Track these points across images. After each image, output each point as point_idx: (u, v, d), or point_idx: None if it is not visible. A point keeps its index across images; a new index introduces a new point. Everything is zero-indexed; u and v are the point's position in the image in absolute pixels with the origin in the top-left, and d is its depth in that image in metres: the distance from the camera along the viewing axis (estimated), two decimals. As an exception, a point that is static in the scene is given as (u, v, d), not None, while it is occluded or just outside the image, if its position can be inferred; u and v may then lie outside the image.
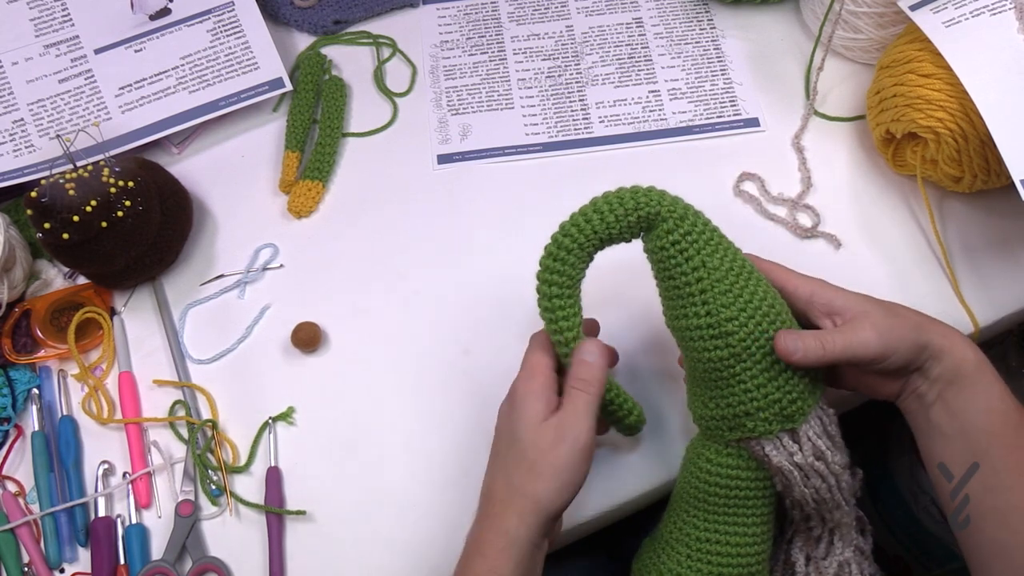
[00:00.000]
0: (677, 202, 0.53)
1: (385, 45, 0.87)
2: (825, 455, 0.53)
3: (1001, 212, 0.72)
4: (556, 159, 0.79)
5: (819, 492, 0.54)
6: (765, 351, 0.52)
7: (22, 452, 0.67)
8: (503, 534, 0.49)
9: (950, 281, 0.70)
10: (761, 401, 0.53)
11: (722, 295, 0.52)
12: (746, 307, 0.52)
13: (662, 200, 0.52)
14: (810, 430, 0.54)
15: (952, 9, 0.65)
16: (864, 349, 0.51)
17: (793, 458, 0.53)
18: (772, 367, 0.53)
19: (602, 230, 0.52)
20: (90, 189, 0.66)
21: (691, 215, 0.53)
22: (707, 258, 0.52)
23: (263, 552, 0.62)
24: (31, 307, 0.71)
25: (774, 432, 0.53)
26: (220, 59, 0.80)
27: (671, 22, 0.87)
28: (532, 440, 0.51)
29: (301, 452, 0.66)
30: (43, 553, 0.63)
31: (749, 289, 0.53)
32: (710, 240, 0.53)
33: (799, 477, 0.53)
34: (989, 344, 0.85)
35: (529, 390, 0.53)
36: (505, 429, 0.53)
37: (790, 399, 0.53)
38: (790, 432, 0.54)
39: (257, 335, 0.71)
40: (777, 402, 0.53)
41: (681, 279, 0.53)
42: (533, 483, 0.50)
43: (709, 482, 0.55)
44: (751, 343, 0.52)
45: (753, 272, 0.54)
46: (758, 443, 0.54)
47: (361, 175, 0.79)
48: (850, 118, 0.79)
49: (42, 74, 0.79)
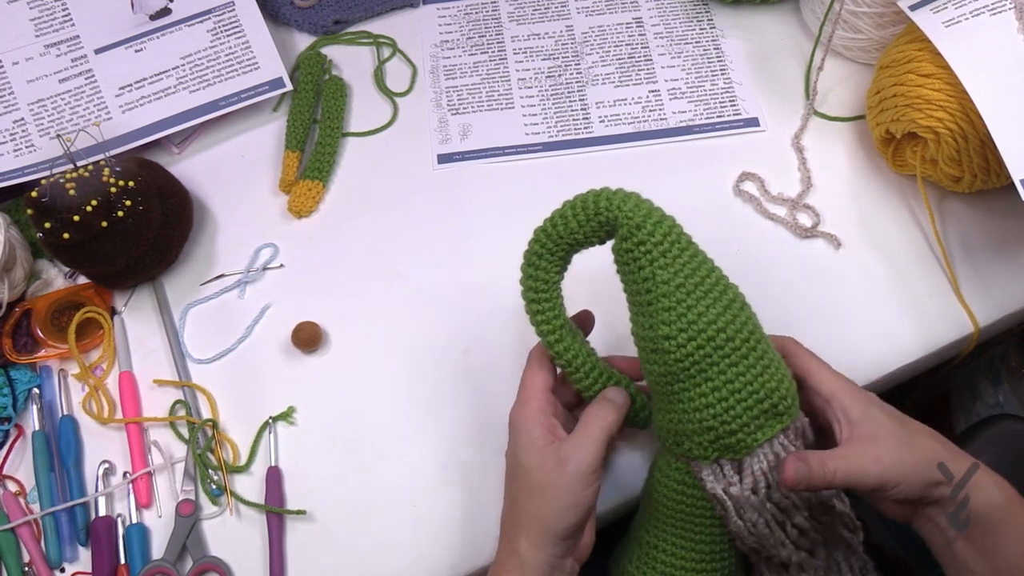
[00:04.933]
0: (638, 209, 0.50)
1: (385, 45, 0.87)
2: (760, 490, 0.50)
3: (1001, 212, 0.72)
4: (556, 159, 0.79)
5: (756, 527, 0.51)
6: (706, 376, 0.50)
7: (23, 452, 0.67)
8: (516, 557, 0.50)
9: (950, 281, 0.70)
10: (695, 425, 0.51)
11: (664, 311, 0.49)
12: (688, 327, 0.49)
13: (622, 205, 0.50)
14: (758, 463, 0.51)
15: (952, 9, 0.65)
16: (862, 480, 0.49)
17: (729, 488, 0.51)
18: (712, 393, 0.50)
19: (567, 235, 0.52)
20: (90, 189, 0.67)
21: (650, 224, 0.50)
22: (658, 271, 0.50)
23: (263, 552, 0.62)
24: (32, 307, 0.71)
25: (710, 459, 0.51)
26: (220, 59, 0.80)
27: (671, 22, 0.87)
28: (535, 464, 0.51)
29: (301, 452, 0.66)
30: (43, 552, 0.63)
31: (697, 310, 0.49)
32: (667, 251, 0.50)
33: (731, 508, 0.51)
34: (989, 344, 0.85)
35: (524, 418, 0.53)
36: (510, 457, 0.54)
37: (729, 430, 0.50)
38: (732, 461, 0.51)
39: (257, 335, 0.71)
40: (712, 430, 0.50)
41: (631, 287, 0.52)
42: (537, 506, 0.50)
43: (660, 492, 0.55)
44: (689, 365, 0.50)
45: (719, 297, 0.50)
46: (696, 464, 0.52)
47: (361, 175, 0.79)
48: (850, 118, 0.79)
49: (42, 74, 0.79)
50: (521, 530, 0.50)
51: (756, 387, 0.50)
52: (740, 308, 0.51)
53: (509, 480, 0.54)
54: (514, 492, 0.53)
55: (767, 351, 0.52)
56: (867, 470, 0.48)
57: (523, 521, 0.51)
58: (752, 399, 0.50)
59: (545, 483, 0.50)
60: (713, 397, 0.50)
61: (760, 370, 0.50)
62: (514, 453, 0.53)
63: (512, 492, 0.53)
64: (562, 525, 0.50)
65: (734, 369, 0.50)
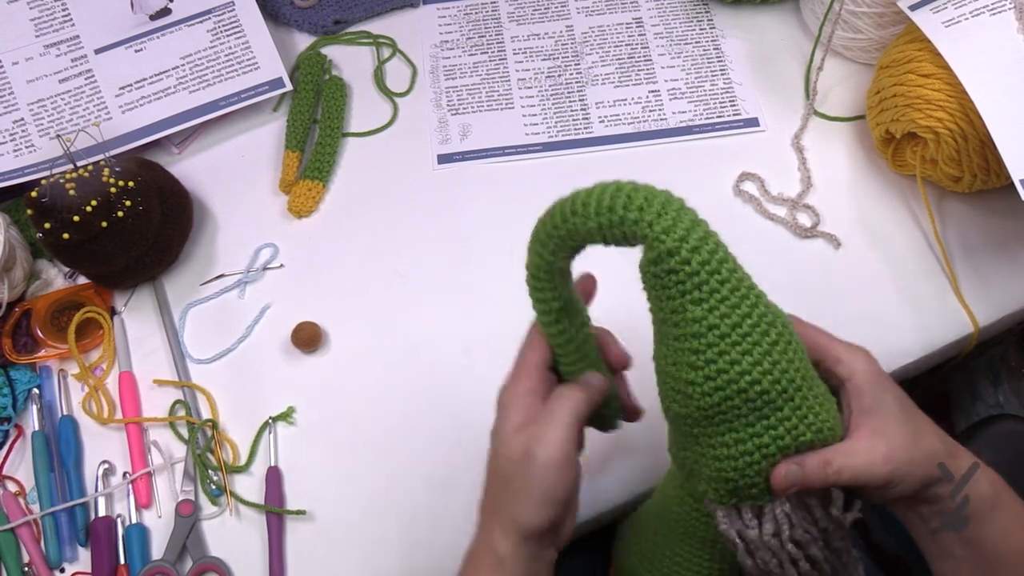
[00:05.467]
0: (674, 227, 0.41)
1: (385, 45, 0.87)
2: (783, 532, 0.46)
3: (1001, 212, 0.72)
4: (556, 159, 0.79)
5: (767, 566, 0.46)
6: (731, 426, 0.44)
7: (22, 452, 0.67)
8: (491, 550, 0.47)
9: (950, 281, 0.70)
10: (713, 472, 0.45)
11: (691, 353, 0.43)
12: (717, 376, 0.43)
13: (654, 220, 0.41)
14: (781, 507, 0.46)
15: (952, 9, 0.65)
16: (870, 480, 0.45)
17: (746, 532, 0.46)
18: (735, 445, 0.44)
19: (572, 237, 0.44)
20: (90, 189, 0.67)
21: (686, 250, 0.42)
22: (690, 306, 0.42)
23: (263, 552, 0.62)
24: (31, 307, 0.71)
25: (727, 503, 0.46)
26: (220, 59, 0.80)
27: (671, 22, 0.87)
28: (506, 454, 0.47)
29: (301, 452, 0.66)
30: (43, 553, 0.63)
31: (730, 357, 0.43)
32: (702, 284, 0.42)
33: (742, 548, 0.46)
34: (989, 344, 0.85)
35: (510, 397, 0.49)
36: (492, 438, 0.50)
37: (750, 483, 0.45)
38: (753, 507, 0.46)
39: (257, 335, 0.71)
40: (731, 481, 0.45)
41: (657, 311, 0.45)
42: (508, 500, 0.47)
43: (675, 512, 0.52)
44: (713, 414, 0.44)
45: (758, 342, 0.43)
46: (711, 504, 0.47)
47: (361, 175, 0.79)
48: (850, 118, 0.79)
49: (42, 74, 0.79)
50: (496, 524, 0.48)
51: (788, 441, 0.44)
52: (781, 352, 0.44)
53: (489, 463, 0.50)
54: (489, 481, 0.49)
55: (808, 396, 0.45)
56: (876, 470, 0.45)
57: (497, 515, 0.48)
58: (782, 454, 0.44)
59: (514, 475, 0.46)
60: (736, 449, 0.44)
61: (796, 422, 0.44)
62: (494, 435, 0.49)
63: (488, 479, 0.49)
64: (535, 522, 0.46)
65: (764, 423, 0.44)
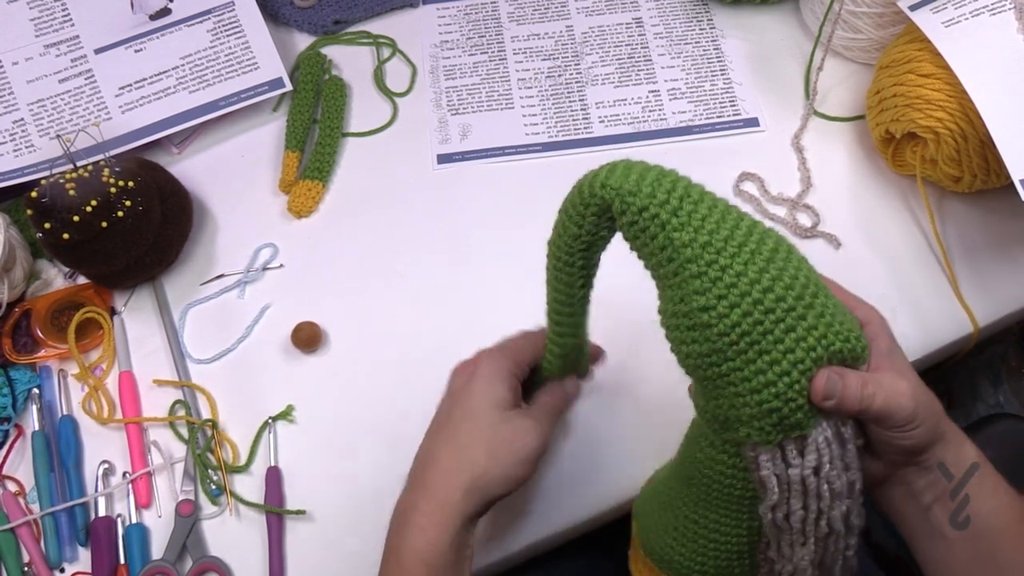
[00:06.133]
0: (626, 176, 0.42)
1: (385, 45, 0.87)
2: (824, 467, 0.44)
3: (1001, 212, 0.72)
4: (556, 159, 0.79)
5: (790, 519, 0.45)
6: (760, 348, 0.42)
7: (22, 452, 0.67)
8: (445, 508, 0.48)
9: (950, 281, 0.70)
10: (754, 409, 0.43)
11: (695, 278, 0.41)
12: (728, 292, 0.41)
13: (606, 181, 0.43)
14: (822, 432, 0.44)
15: (952, 9, 0.65)
16: (897, 411, 0.44)
17: (788, 471, 0.44)
18: (770, 368, 0.42)
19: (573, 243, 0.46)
20: (90, 189, 0.67)
21: (646, 187, 0.42)
22: (675, 233, 0.42)
23: (263, 552, 0.62)
24: (31, 307, 0.71)
25: (773, 442, 0.44)
26: (220, 59, 0.80)
27: (671, 22, 0.87)
28: (495, 425, 0.50)
29: (301, 452, 0.66)
30: (43, 553, 0.63)
31: (735, 270, 0.41)
32: (677, 210, 0.42)
33: (774, 493, 0.45)
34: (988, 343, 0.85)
35: (498, 369, 0.52)
36: (462, 400, 0.51)
37: (795, 407, 0.43)
38: (797, 440, 0.44)
39: (257, 335, 0.71)
40: (775, 412, 0.43)
41: (652, 262, 0.44)
42: (488, 466, 0.49)
43: (705, 475, 0.49)
44: (737, 338, 0.42)
45: (757, 250, 0.42)
46: (753, 449, 0.45)
47: (361, 175, 0.79)
48: (850, 118, 0.79)
49: (42, 74, 0.79)
50: (458, 484, 0.48)
51: (820, 352, 0.42)
52: (785, 258, 0.43)
53: (455, 420, 0.51)
54: (458, 441, 0.50)
55: (826, 301, 0.43)
56: (902, 401, 0.44)
57: (464, 476, 0.49)
58: (818, 366, 0.43)
59: (502, 449, 0.49)
60: (773, 373, 0.42)
61: (823, 329, 0.43)
62: (472, 398, 0.51)
63: (455, 439, 0.50)
64: (499, 492, 0.49)
65: (792, 335, 0.42)
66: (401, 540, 0.48)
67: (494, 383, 0.51)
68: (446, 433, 0.51)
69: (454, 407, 0.52)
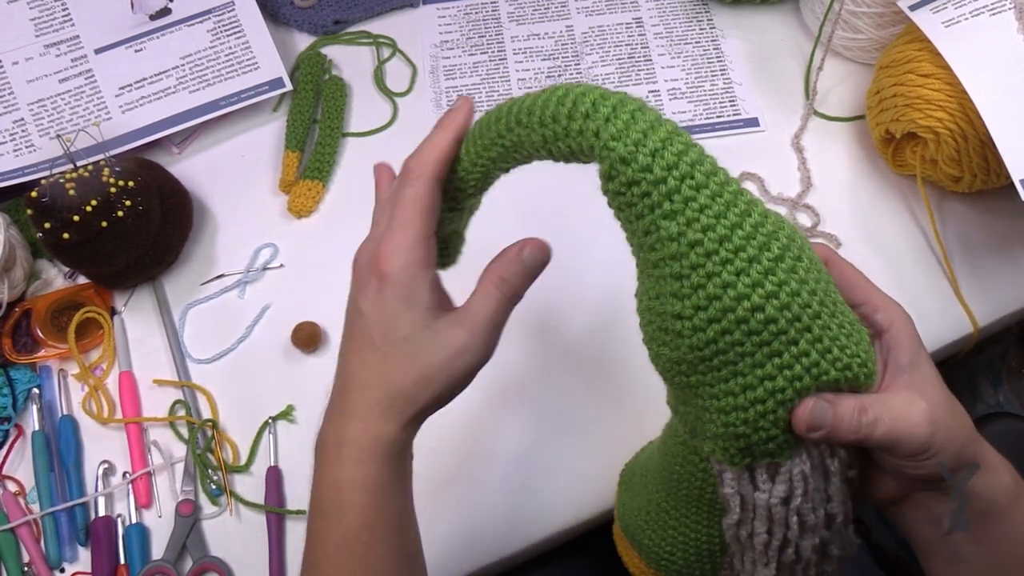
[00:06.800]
0: (626, 131, 0.35)
1: (385, 45, 0.87)
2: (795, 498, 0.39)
3: (1001, 212, 0.72)
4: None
5: (753, 539, 0.40)
6: (735, 369, 0.37)
7: (22, 452, 0.67)
8: (381, 439, 0.43)
9: (950, 281, 0.70)
10: (720, 429, 0.38)
11: (674, 279, 0.36)
12: (708, 304, 0.35)
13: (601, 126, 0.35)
14: (800, 465, 0.39)
15: (952, 9, 0.65)
16: (908, 440, 0.38)
17: (755, 495, 0.39)
18: (742, 393, 0.37)
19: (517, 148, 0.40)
20: (90, 189, 0.67)
21: (644, 155, 0.35)
22: (663, 222, 0.35)
23: (263, 552, 0.62)
24: (31, 307, 0.71)
25: (739, 465, 0.39)
26: (220, 59, 0.80)
27: (671, 22, 0.87)
28: (421, 346, 0.42)
29: (301, 452, 0.66)
30: (43, 553, 0.63)
31: (722, 279, 0.35)
32: (673, 192, 0.35)
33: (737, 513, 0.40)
34: (988, 343, 0.85)
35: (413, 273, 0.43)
36: (379, 319, 0.43)
37: (765, 437, 0.37)
38: (769, 465, 0.39)
39: (257, 335, 0.71)
40: (742, 437, 0.38)
41: (631, 237, 0.38)
42: (421, 393, 0.43)
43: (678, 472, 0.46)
44: (710, 355, 0.36)
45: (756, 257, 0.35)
46: (719, 463, 0.40)
47: (361, 175, 0.79)
48: (850, 118, 0.79)
49: (42, 74, 0.79)
50: (393, 412, 0.43)
51: (808, 381, 0.37)
52: (789, 270, 0.36)
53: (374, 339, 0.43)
54: (387, 365, 0.43)
55: (830, 325, 0.37)
56: (915, 430, 0.38)
57: (397, 403, 0.43)
58: (803, 396, 0.37)
59: (431, 366, 0.42)
60: (744, 398, 0.37)
61: (816, 358, 0.36)
62: (390, 318, 0.43)
63: (383, 363, 0.43)
64: (435, 408, 0.44)
65: (776, 361, 0.36)
66: (339, 473, 0.43)
67: (411, 291, 0.43)
68: (369, 356, 0.44)
69: (370, 327, 0.44)
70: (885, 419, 0.38)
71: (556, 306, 0.70)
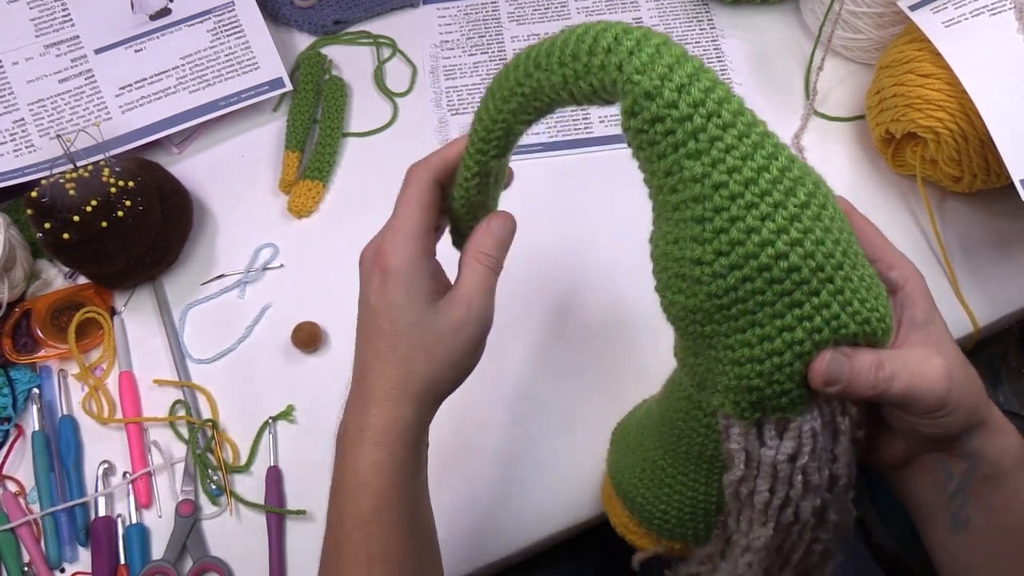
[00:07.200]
0: (651, 64, 0.33)
1: (385, 45, 0.87)
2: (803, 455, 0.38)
3: (1001, 212, 0.72)
4: (556, 159, 0.79)
5: (754, 497, 0.40)
6: (754, 319, 0.36)
7: (22, 452, 0.67)
8: (399, 423, 0.45)
9: (950, 281, 0.70)
10: (732, 381, 0.37)
11: (695, 223, 0.35)
12: (731, 250, 0.34)
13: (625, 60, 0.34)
14: (811, 421, 0.38)
15: (952, 9, 0.65)
16: (925, 396, 0.38)
17: (762, 451, 0.39)
18: (759, 344, 0.36)
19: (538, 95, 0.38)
20: (90, 189, 0.67)
21: (670, 90, 0.33)
22: (686, 161, 0.34)
23: (263, 552, 0.62)
24: (31, 307, 0.71)
25: (749, 420, 0.38)
26: (220, 59, 0.80)
27: (671, 22, 0.87)
28: (426, 328, 0.45)
29: (301, 452, 0.66)
30: (43, 553, 0.63)
31: (746, 224, 0.34)
32: (699, 131, 0.34)
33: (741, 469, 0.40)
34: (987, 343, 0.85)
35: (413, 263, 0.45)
36: (384, 310, 0.46)
37: (780, 391, 0.37)
38: (778, 420, 0.38)
39: (257, 335, 0.71)
40: (756, 391, 0.37)
41: (651, 178, 0.37)
42: (431, 373, 0.45)
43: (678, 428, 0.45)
44: (729, 303, 0.35)
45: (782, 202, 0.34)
46: (726, 418, 0.40)
47: (361, 175, 0.79)
48: (850, 118, 0.79)
49: (42, 74, 0.79)
50: (409, 395, 0.45)
51: (827, 334, 0.36)
52: (813, 217, 0.35)
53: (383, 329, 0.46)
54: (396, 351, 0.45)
55: (851, 277, 0.36)
56: (932, 386, 0.38)
57: (412, 386, 0.45)
58: (821, 349, 0.36)
59: (438, 344, 0.45)
60: (761, 349, 0.36)
61: (837, 310, 0.36)
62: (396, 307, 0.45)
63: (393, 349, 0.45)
64: (450, 389, 0.47)
65: (796, 312, 0.35)
66: (358, 456, 0.45)
67: (412, 279, 0.45)
68: (382, 345, 0.46)
69: (379, 317, 0.46)
70: (903, 374, 0.37)
71: (559, 306, 0.70)
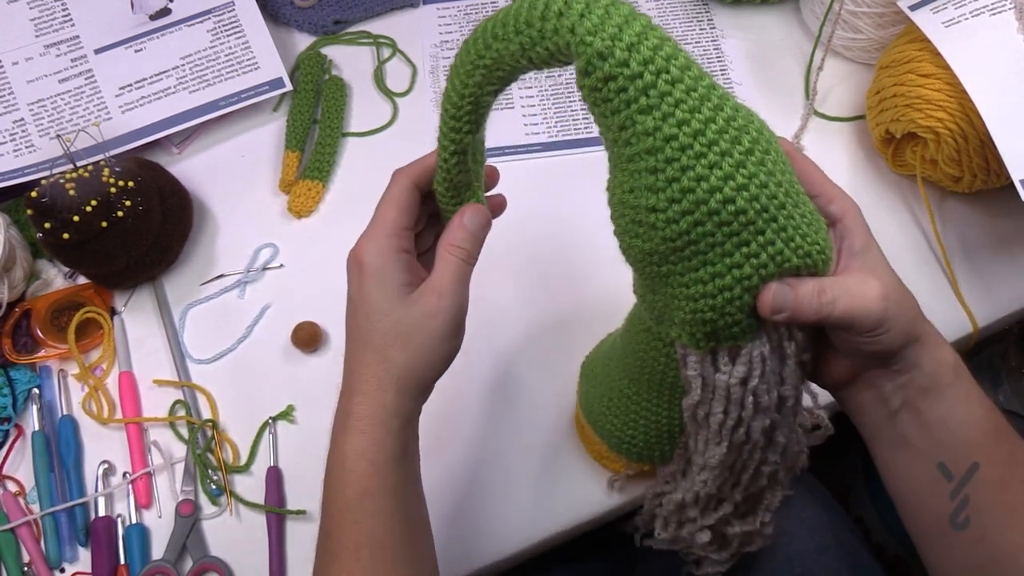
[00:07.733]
0: (602, 25, 0.36)
1: (385, 45, 0.87)
2: (753, 379, 0.42)
3: (1001, 212, 0.72)
4: (556, 159, 0.79)
5: (709, 419, 0.43)
6: (706, 259, 0.39)
7: (22, 452, 0.67)
8: (382, 410, 0.47)
9: (950, 281, 0.70)
10: (688, 315, 0.40)
11: (649, 173, 0.37)
12: (682, 197, 0.37)
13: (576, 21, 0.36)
14: (760, 347, 0.42)
15: (952, 9, 0.65)
16: (864, 317, 0.41)
17: (715, 375, 0.42)
18: (711, 281, 0.39)
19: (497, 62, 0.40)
20: (90, 189, 0.67)
21: (621, 49, 0.35)
22: (639, 116, 0.36)
23: (263, 552, 0.62)
24: (31, 307, 0.71)
25: (704, 349, 0.42)
26: (220, 59, 0.80)
27: (671, 22, 0.87)
28: (401, 318, 0.47)
29: (301, 452, 0.66)
30: (43, 553, 0.63)
31: (696, 172, 0.36)
32: (650, 87, 0.36)
33: (698, 393, 0.43)
34: (987, 343, 0.85)
35: (383, 259, 0.48)
36: (362, 305, 0.48)
37: (731, 322, 0.40)
38: (731, 348, 0.42)
39: (257, 335, 0.71)
40: (709, 323, 0.40)
41: (605, 132, 0.39)
42: (409, 361, 0.47)
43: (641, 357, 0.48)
44: (682, 245, 0.38)
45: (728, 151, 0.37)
46: (683, 347, 0.43)
47: (361, 175, 0.79)
48: (850, 118, 0.79)
49: (42, 74, 0.79)
50: (390, 384, 0.47)
51: (771, 270, 0.39)
52: (758, 163, 0.38)
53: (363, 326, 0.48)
54: (375, 343, 0.47)
55: (793, 215, 0.39)
56: (870, 306, 0.41)
57: (392, 375, 0.47)
58: (766, 282, 0.40)
59: (417, 334, 0.47)
60: (713, 285, 0.39)
61: (780, 246, 0.39)
62: (371, 297, 0.47)
63: (371, 342, 0.47)
64: (432, 377, 0.48)
65: (743, 250, 0.38)
66: (344, 444, 0.47)
67: (384, 273, 0.48)
68: (363, 339, 0.48)
69: (358, 311, 0.49)
70: (843, 298, 0.41)
71: (560, 306, 0.70)
